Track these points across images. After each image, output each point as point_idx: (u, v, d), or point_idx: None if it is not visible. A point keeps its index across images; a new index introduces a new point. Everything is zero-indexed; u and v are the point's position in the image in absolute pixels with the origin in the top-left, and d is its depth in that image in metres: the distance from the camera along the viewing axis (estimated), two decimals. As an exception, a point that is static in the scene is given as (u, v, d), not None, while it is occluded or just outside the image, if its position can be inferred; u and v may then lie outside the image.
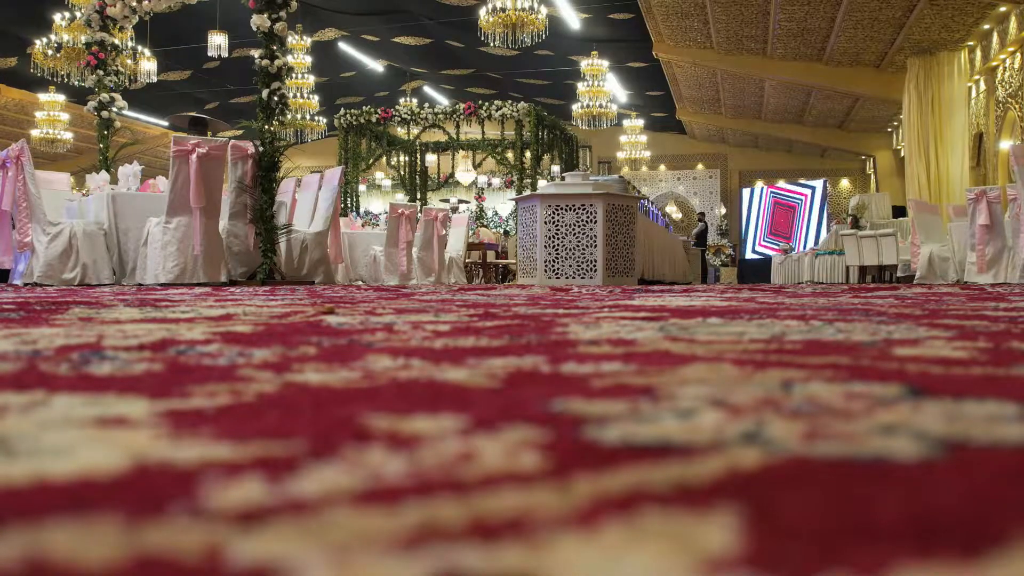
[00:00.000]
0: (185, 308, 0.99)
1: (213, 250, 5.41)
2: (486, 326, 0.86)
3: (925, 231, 9.00)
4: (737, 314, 1.23)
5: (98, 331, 0.89)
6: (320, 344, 0.76)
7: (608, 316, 1.07)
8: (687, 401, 0.49)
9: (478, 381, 0.55)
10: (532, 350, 0.68)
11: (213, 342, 0.80)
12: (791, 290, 4.02)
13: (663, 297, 1.45)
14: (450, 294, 2.29)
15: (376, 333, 0.82)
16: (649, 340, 0.79)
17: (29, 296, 2.09)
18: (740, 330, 0.95)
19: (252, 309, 1.19)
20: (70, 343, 0.76)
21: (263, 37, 5.68)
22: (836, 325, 0.96)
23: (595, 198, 6.00)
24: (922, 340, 0.77)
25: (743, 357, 0.64)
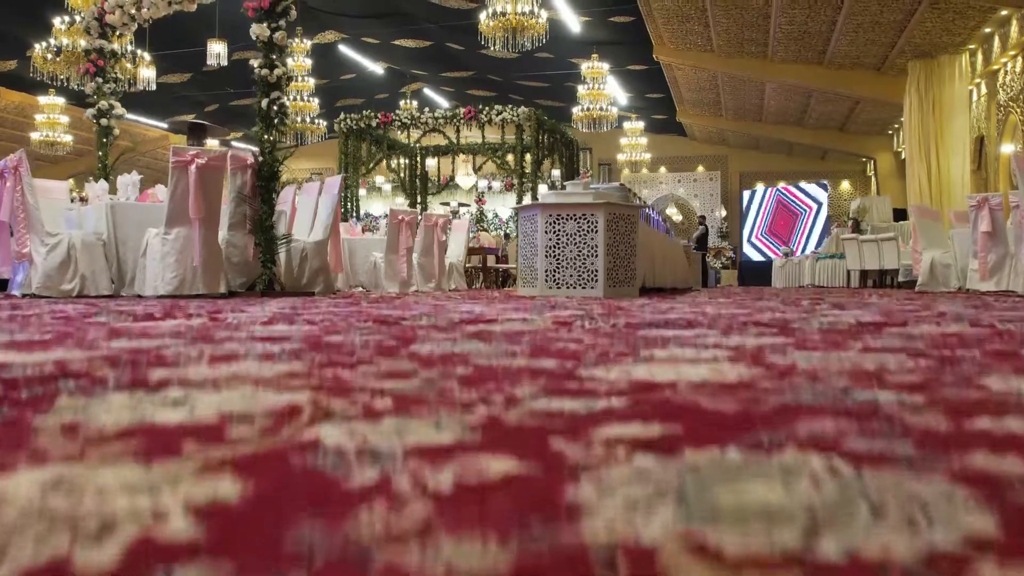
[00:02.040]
0: (179, 393, 0.97)
1: (212, 261, 5.38)
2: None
3: (927, 237, 8.97)
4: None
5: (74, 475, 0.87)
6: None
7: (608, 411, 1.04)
8: None
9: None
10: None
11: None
12: (808, 307, 4.00)
13: (669, 349, 1.43)
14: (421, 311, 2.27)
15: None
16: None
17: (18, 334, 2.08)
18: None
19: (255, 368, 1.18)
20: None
21: (262, 47, 5.65)
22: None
23: (596, 207, 5.97)
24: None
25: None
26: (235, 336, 1.52)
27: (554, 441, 0.56)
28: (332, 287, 6.42)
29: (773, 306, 3.24)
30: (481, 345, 1.33)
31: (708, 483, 0.45)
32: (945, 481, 0.46)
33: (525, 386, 0.83)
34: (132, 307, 3.27)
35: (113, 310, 2.92)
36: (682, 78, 18.14)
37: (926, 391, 0.77)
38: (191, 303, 3.91)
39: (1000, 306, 3.47)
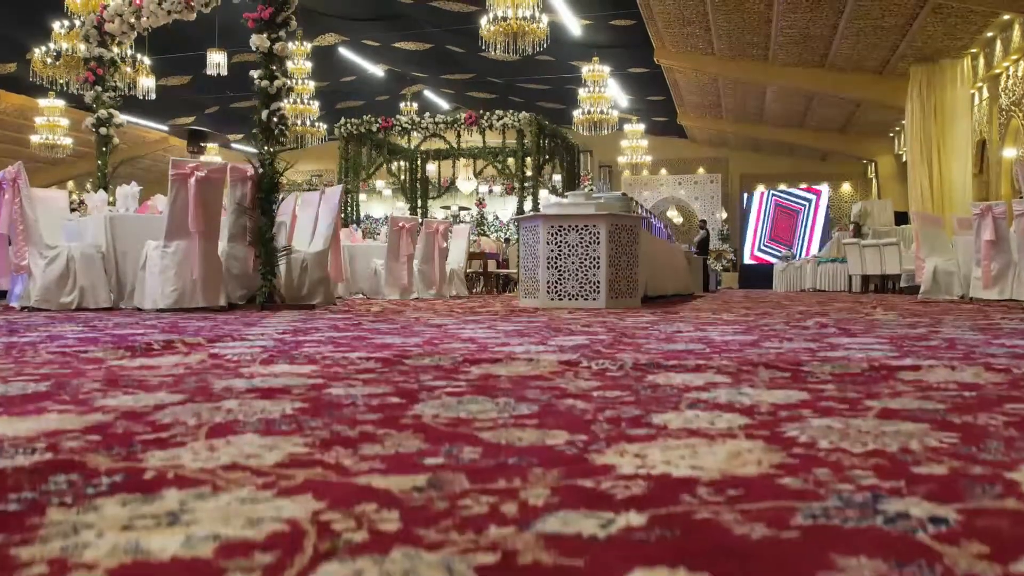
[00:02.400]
0: (176, 500, 0.95)
1: (212, 274, 5.34)
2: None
3: (930, 244, 8.94)
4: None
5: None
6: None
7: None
8: None
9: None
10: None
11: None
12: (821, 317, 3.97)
13: (682, 412, 1.41)
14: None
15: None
16: None
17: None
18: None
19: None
20: None
21: (262, 58, 5.61)
22: None
23: (598, 219, 5.94)
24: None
25: None
26: (234, 388, 1.49)
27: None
28: (332, 298, 6.39)
29: (779, 330, 3.21)
30: (488, 405, 1.29)
31: None
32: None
33: (537, 486, 0.79)
34: (132, 328, 3.23)
35: (112, 335, 2.88)
36: (683, 81, 18.12)
37: (958, 498, 0.74)
38: (191, 322, 3.87)
39: (1008, 327, 3.43)
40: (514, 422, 1.14)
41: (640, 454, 0.93)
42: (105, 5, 7.22)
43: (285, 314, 4.85)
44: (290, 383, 1.56)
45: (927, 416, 1.18)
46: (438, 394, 1.41)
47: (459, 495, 0.76)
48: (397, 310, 5.54)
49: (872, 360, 1.97)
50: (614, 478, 0.82)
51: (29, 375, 1.69)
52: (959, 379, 1.60)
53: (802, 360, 1.97)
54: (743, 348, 2.36)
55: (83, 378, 1.64)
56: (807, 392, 1.44)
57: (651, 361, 1.91)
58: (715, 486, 0.79)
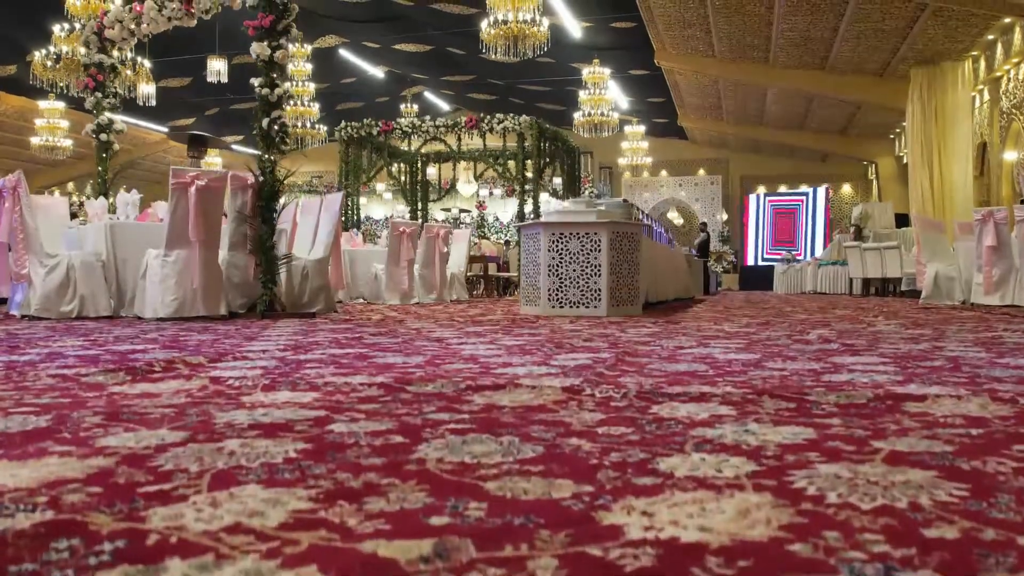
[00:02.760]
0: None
1: (212, 283, 5.33)
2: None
3: (931, 250, 8.93)
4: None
5: None
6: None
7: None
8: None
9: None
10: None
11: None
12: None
13: (687, 455, 1.39)
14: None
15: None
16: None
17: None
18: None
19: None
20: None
21: (263, 66, 5.60)
22: None
23: (599, 226, 5.93)
24: None
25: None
26: (235, 424, 1.48)
27: None
28: (333, 305, 6.38)
29: (782, 345, 3.20)
30: (492, 446, 1.28)
31: None
32: None
33: (545, 553, 0.78)
34: (132, 343, 3.23)
35: (112, 352, 2.87)
36: (683, 83, 18.11)
37: (972, 572, 0.73)
38: (191, 334, 3.86)
39: (1011, 341, 3.42)
40: (519, 468, 1.13)
41: (647, 511, 0.92)
42: (106, 12, 7.20)
43: (286, 324, 4.84)
44: (292, 417, 1.55)
45: (935, 461, 1.17)
46: (441, 432, 1.40)
47: (466, 567, 0.75)
48: (398, 318, 5.53)
49: (877, 386, 1.97)
50: (622, 544, 0.81)
51: (29, 405, 1.68)
52: (965, 412, 1.59)
53: (806, 387, 1.95)
54: (746, 369, 2.35)
55: (84, 409, 1.63)
56: (813, 428, 1.43)
57: (654, 388, 1.90)
58: (725, 554, 0.78)
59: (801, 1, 12.46)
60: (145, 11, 6.43)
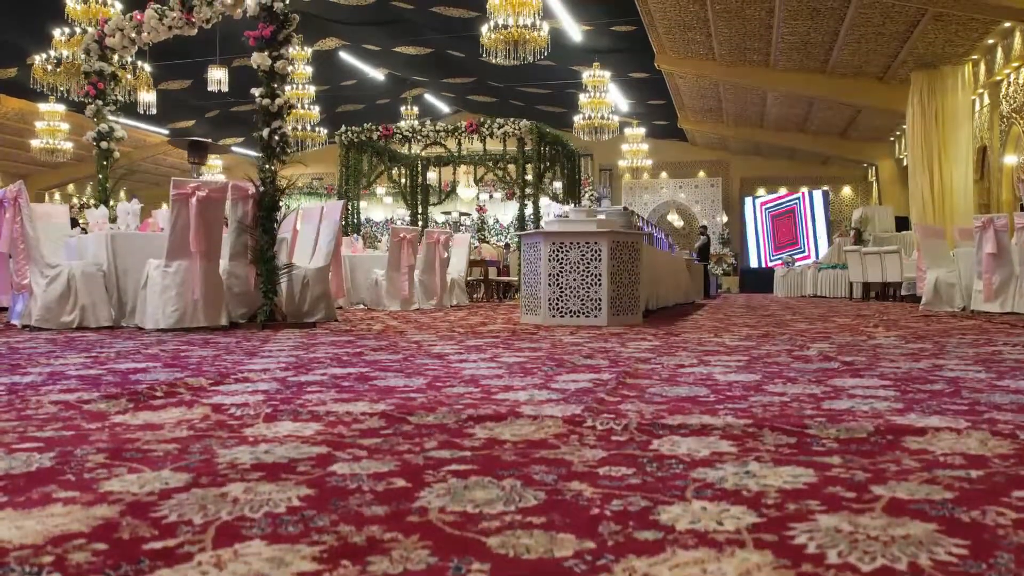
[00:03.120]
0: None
1: (213, 293, 5.34)
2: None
3: (931, 256, 8.93)
4: None
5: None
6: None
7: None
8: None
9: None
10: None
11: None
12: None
13: (689, 504, 1.39)
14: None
15: None
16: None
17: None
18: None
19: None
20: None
21: (264, 76, 5.60)
22: None
23: (599, 236, 5.94)
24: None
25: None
26: (238, 464, 1.48)
27: None
28: (333, 313, 6.39)
29: (782, 363, 3.20)
30: (494, 492, 1.28)
31: None
32: None
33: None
34: (133, 359, 3.23)
35: (114, 372, 2.88)
36: (684, 86, 18.12)
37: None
38: (192, 349, 3.87)
39: (1011, 357, 3.43)
40: (521, 520, 1.14)
41: (649, 574, 0.93)
42: (107, 19, 7.21)
43: (287, 336, 4.84)
44: (294, 455, 1.55)
45: (935, 512, 1.17)
46: (443, 474, 1.40)
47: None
48: (399, 329, 5.54)
49: (877, 415, 1.97)
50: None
51: (32, 440, 1.69)
52: (964, 449, 1.60)
53: (806, 416, 1.96)
54: (747, 394, 2.35)
55: (86, 445, 1.64)
56: (813, 469, 1.43)
57: (655, 420, 1.90)
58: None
59: (802, 6, 12.47)
60: (146, 20, 6.44)
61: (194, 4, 5.98)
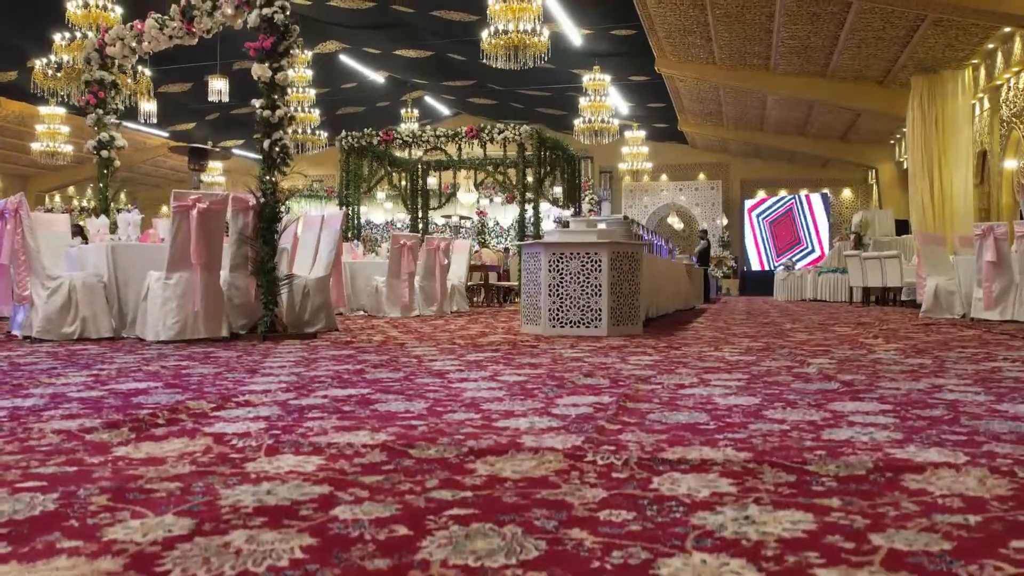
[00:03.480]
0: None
1: (214, 305, 5.35)
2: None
3: (932, 263, 8.94)
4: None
5: None
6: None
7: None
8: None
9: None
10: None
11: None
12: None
13: (691, 557, 1.39)
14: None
15: None
16: None
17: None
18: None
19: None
20: None
21: (264, 87, 5.61)
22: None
23: (600, 247, 5.95)
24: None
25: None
26: (240, 507, 1.49)
27: None
28: (334, 323, 6.41)
29: (782, 384, 3.21)
30: (495, 541, 1.29)
31: None
32: None
33: None
34: (134, 377, 3.24)
35: (115, 393, 2.88)
36: (684, 89, 18.13)
37: None
38: (193, 365, 3.87)
39: (1011, 374, 3.44)
40: (522, 575, 1.15)
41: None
42: (108, 28, 7.21)
43: (287, 348, 4.85)
44: (297, 496, 1.56)
45: (933, 565, 1.18)
46: (445, 520, 1.41)
47: None
48: (399, 340, 5.54)
49: (876, 448, 1.98)
50: None
51: (36, 478, 1.70)
52: (963, 490, 1.61)
53: (806, 449, 1.97)
54: (747, 421, 2.36)
55: (89, 484, 1.65)
56: (812, 514, 1.44)
57: (655, 454, 1.91)
58: None
59: (802, 10, 12.48)
60: (146, 29, 6.44)
61: (195, 14, 5.98)
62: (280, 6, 5.58)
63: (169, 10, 6.38)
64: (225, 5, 5.75)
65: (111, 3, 12.04)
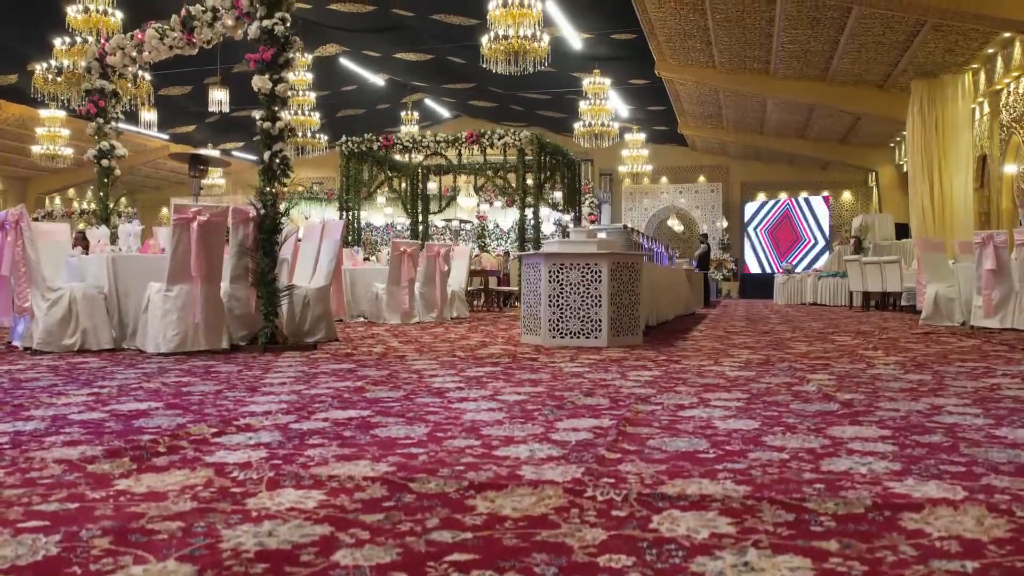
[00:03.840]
0: None
1: (214, 316, 5.36)
2: None
3: (931, 270, 8.95)
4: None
5: None
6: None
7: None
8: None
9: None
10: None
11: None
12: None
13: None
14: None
15: None
16: None
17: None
18: None
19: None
20: None
21: (264, 99, 5.62)
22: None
23: (600, 257, 5.96)
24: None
25: None
26: (241, 552, 1.50)
27: None
28: (334, 332, 6.42)
29: (781, 405, 3.22)
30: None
31: None
32: None
33: None
34: (135, 396, 3.25)
35: (116, 416, 2.89)
36: (684, 92, 18.14)
37: None
38: (194, 382, 3.88)
39: (1011, 393, 3.44)
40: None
41: None
42: (108, 34, 7.22)
43: (287, 361, 4.86)
44: (297, 537, 1.57)
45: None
46: (445, 568, 1.42)
47: None
48: (399, 352, 5.55)
49: (874, 481, 1.99)
50: None
51: (38, 517, 1.71)
52: (961, 531, 1.61)
53: (805, 482, 1.98)
54: (746, 449, 2.37)
55: (92, 524, 1.66)
56: (811, 560, 1.45)
57: (654, 489, 1.92)
58: None
59: (802, 15, 12.49)
60: (147, 39, 6.45)
61: (195, 25, 5.99)
62: (280, 18, 5.58)
63: (170, 19, 6.39)
64: (225, 16, 5.75)
65: (111, 8, 12.06)
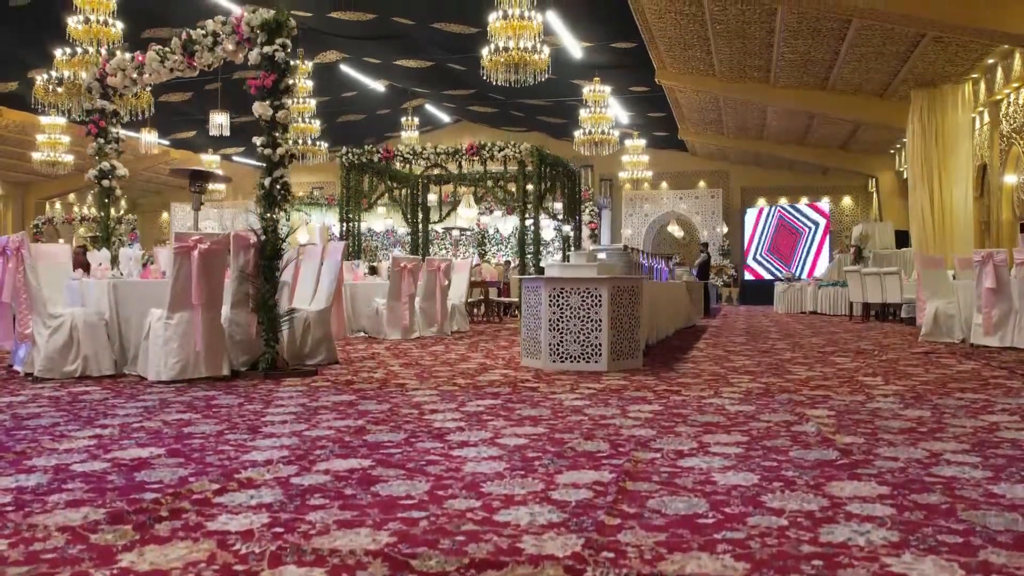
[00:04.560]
0: None
1: (215, 343, 5.37)
2: None
3: (931, 287, 8.97)
4: None
5: None
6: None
7: None
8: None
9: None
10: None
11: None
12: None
13: None
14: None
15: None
16: None
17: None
18: None
19: None
20: None
21: (265, 125, 5.63)
22: None
23: (600, 282, 5.97)
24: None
25: None
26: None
27: None
28: (334, 355, 6.44)
29: (780, 453, 3.23)
30: None
31: None
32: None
33: None
34: (137, 440, 3.26)
35: (118, 467, 2.91)
36: (684, 100, 18.15)
37: None
38: (196, 420, 3.89)
39: (1011, 435, 3.46)
40: None
41: None
42: (110, 53, 7.22)
43: (287, 393, 4.88)
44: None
45: None
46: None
47: None
48: (400, 379, 5.56)
49: (871, 556, 2.00)
50: None
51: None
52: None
53: (803, 558, 1.99)
54: (745, 512, 2.38)
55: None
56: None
57: (654, 568, 1.93)
58: None
59: (802, 26, 12.50)
60: (148, 62, 6.46)
61: (196, 49, 6.00)
62: (281, 44, 5.59)
63: (170, 40, 6.39)
64: (226, 42, 5.76)
65: (112, 19, 12.07)
